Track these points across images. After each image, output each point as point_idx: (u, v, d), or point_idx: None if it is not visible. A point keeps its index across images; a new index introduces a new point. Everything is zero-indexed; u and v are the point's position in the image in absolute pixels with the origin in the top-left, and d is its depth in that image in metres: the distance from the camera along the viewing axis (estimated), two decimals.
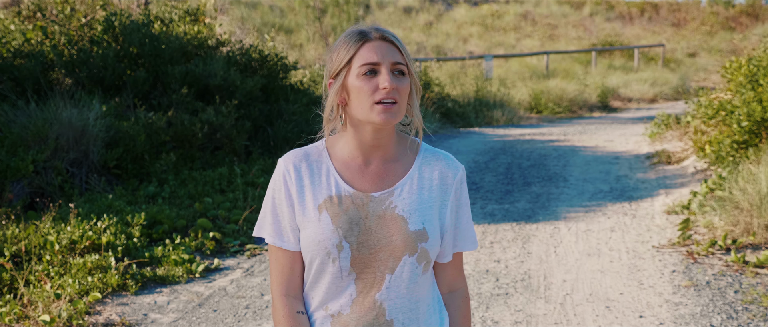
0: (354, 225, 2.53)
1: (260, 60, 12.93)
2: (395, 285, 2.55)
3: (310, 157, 2.61)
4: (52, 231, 7.36)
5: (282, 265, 2.64)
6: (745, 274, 7.06)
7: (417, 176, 2.62)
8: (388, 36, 2.54)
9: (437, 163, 2.65)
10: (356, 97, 2.50)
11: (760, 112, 9.77)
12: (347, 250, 2.52)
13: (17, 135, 9.09)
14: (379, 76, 2.48)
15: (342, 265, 2.53)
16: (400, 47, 2.54)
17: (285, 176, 2.59)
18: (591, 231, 8.63)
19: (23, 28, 11.63)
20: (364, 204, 2.56)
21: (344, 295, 2.56)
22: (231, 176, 10.16)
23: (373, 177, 2.60)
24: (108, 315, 6.31)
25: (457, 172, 2.65)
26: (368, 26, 2.56)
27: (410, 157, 2.65)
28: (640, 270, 7.28)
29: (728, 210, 8.16)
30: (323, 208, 2.55)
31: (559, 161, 12.81)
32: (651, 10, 44.22)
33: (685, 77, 26.78)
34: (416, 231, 2.54)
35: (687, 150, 12.32)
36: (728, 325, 5.94)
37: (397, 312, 2.58)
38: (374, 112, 2.47)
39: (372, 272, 2.54)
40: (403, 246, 2.52)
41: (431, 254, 2.58)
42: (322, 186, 2.57)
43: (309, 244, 2.55)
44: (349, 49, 2.51)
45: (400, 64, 2.51)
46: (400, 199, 2.57)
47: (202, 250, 7.96)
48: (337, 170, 2.59)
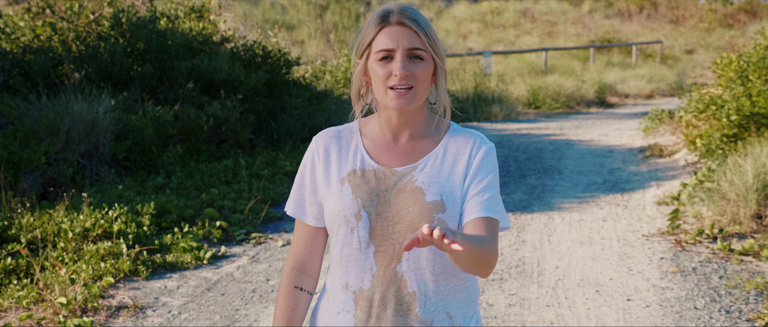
0: (374, 196, 2.57)
1: (264, 56, 13.25)
2: (414, 256, 2.57)
3: (342, 134, 2.70)
4: (65, 219, 7.68)
5: (299, 238, 2.74)
6: (730, 261, 7.37)
7: (442, 153, 2.64)
8: (406, 21, 2.54)
9: (464, 138, 2.67)
10: (374, 81, 2.56)
11: (749, 107, 10.06)
12: (366, 219, 2.57)
13: (29, 128, 9.40)
14: (393, 62, 2.51)
15: (360, 235, 2.58)
16: (420, 31, 2.54)
17: (314, 153, 2.69)
18: (584, 221, 8.95)
19: (32, 24, 11.95)
20: (387, 177, 2.60)
21: (364, 269, 2.60)
22: (236, 168, 10.49)
23: (400, 153, 2.64)
24: (121, 298, 6.63)
25: (482, 146, 2.65)
26: (395, 6, 2.59)
27: (439, 136, 2.68)
28: (630, 257, 7.59)
29: (716, 200, 8.47)
30: (346, 181, 2.61)
31: (555, 154, 13.14)
32: (650, 7, 44.34)
33: (682, 74, 27.04)
34: (433, 201, 2.56)
35: (678, 143, 12.64)
36: (711, 307, 6.24)
37: (418, 284, 2.59)
38: (388, 97, 2.53)
39: (391, 244, 2.57)
40: (419, 216, 2.54)
41: (451, 225, 2.58)
42: (348, 161, 2.64)
43: (331, 215, 2.61)
44: (370, 33, 2.56)
45: (417, 49, 2.52)
46: (422, 174, 2.60)
47: (209, 238, 8.27)
48: (365, 147, 2.66)
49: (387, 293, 2.58)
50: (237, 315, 6.27)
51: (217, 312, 6.34)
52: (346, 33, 24.39)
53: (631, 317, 6.08)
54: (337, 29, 24.57)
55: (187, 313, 6.33)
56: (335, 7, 24.31)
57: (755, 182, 8.22)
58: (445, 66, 2.61)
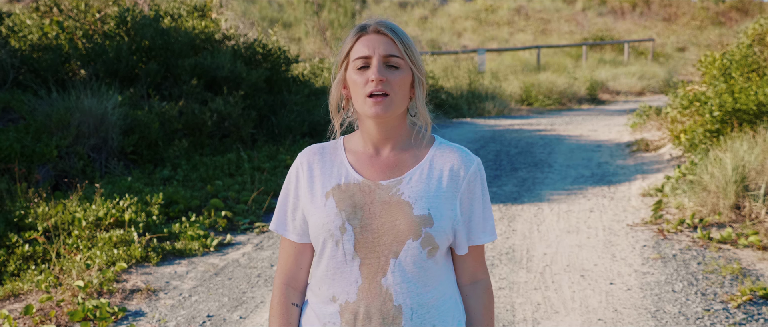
0: (358, 209, 2.56)
1: (264, 54, 13.67)
2: (400, 269, 2.56)
3: (325, 150, 2.70)
4: (79, 209, 8.09)
5: (287, 254, 2.74)
6: (709, 248, 7.79)
7: (427, 167, 2.63)
8: (382, 29, 2.56)
9: (450, 155, 2.67)
10: (353, 90, 2.55)
11: (731, 103, 10.47)
12: (350, 232, 2.55)
13: (41, 122, 9.81)
14: (369, 69, 2.52)
15: (345, 248, 2.56)
16: (397, 40, 2.56)
17: (298, 169, 2.69)
18: (571, 211, 9.37)
19: (40, 22, 12.35)
20: (371, 191, 2.59)
21: (350, 281, 2.58)
22: (239, 161, 10.92)
23: (384, 167, 2.63)
24: (134, 282, 7.04)
25: (470, 165, 2.66)
26: (372, 20, 2.60)
27: (424, 150, 2.68)
28: (614, 245, 8.01)
29: (697, 192, 8.90)
30: (330, 195, 2.59)
31: (545, 149, 13.58)
32: (642, 5, 44.62)
33: (673, 71, 27.44)
34: (421, 215, 2.54)
35: (664, 138, 13.09)
36: (688, 290, 6.66)
37: (404, 297, 2.58)
38: (366, 104, 2.51)
39: (376, 256, 2.56)
40: (406, 230, 2.54)
41: (437, 240, 2.58)
42: (332, 175, 2.63)
43: (315, 229, 2.59)
44: (348, 43, 2.58)
45: (393, 56, 2.53)
46: (408, 187, 2.59)
47: (215, 227, 8.70)
48: (349, 161, 2.65)
49: (371, 306, 2.58)
50: (244, 297, 6.68)
51: (225, 294, 6.75)
52: (341, 31, 24.75)
53: (612, 299, 6.50)
54: (333, 27, 24.93)
55: (197, 295, 6.74)
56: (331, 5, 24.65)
57: (734, 175, 8.64)
58: (423, 77, 2.64)
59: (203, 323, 6.11)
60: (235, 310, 6.40)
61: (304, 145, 12.20)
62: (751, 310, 6.18)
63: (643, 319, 6.03)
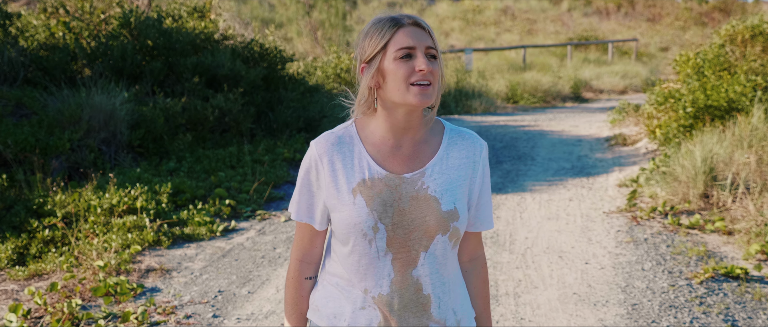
0: (388, 207, 2.59)
1: (261, 53, 14.31)
2: (429, 261, 2.63)
3: (342, 140, 2.67)
4: (93, 197, 8.69)
5: (304, 237, 2.79)
6: (678, 233, 8.43)
7: (446, 156, 2.68)
8: (420, 22, 2.59)
9: (463, 141, 2.72)
10: (393, 79, 2.54)
11: (704, 100, 11.09)
12: (383, 231, 2.59)
13: (53, 117, 10.41)
14: (414, 59, 2.53)
15: (378, 245, 2.60)
16: (431, 33, 2.60)
17: (316, 161, 2.66)
18: (552, 200, 10.02)
19: (46, 23, 12.96)
20: (397, 185, 2.61)
21: (382, 275, 2.64)
22: (240, 154, 11.55)
23: (405, 158, 2.65)
24: (148, 263, 7.64)
25: (482, 149, 2.74)
26: (398, 14, 2.62)
27: (437, 138, 2.72)
28: (591, 230, 8.66)
29: (669, 182, 9.54)
30: (357, 192, 2.60)
31: (528, 143, 14.26)
32: (627, 5, 45.16)
33: (656, 70, 28.01)
34: (449, 211, 2.61)
35: (641, 133, 13.77)
36: (656, 269, 7.30)
37: (433, 286, 2.66)
38: (411, 93, 2.52)
39: (407, 251, 2.61)
40: (436, 226, 2.60)
41: (461, 231, 2.67)
42: (355, 169, 2.63)
43: (344, 226, 2.62)
44: (383, 35, 2.56)
45: (432, 48, 2.56)
46: (432, 180, 2.63)
47: (220, 214, 9.31)
48: (368, 153, 2.65)
49: (405, 297, 2.65)
50: (250, 275, 7.30)
51: (233, 273, 7.37)
52: (333, 31, 25.25)
53: (587, 276, 7.13)
54: (324, 27, 25.41)
55: (207, 274, 7.36)
56: (323, 5, 25.17)
57: (703, 166, 9.28)
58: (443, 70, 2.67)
59: (215, 297, 6.73)
60: (244, 286, 7.01)
61: (300, 140, 12.84)
62: (712, 286, 6.81)
63: (613, 293, 6.67)
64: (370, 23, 2.66)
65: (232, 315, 6.33)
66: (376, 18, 2.65)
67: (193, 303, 6.60)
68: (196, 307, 6.50)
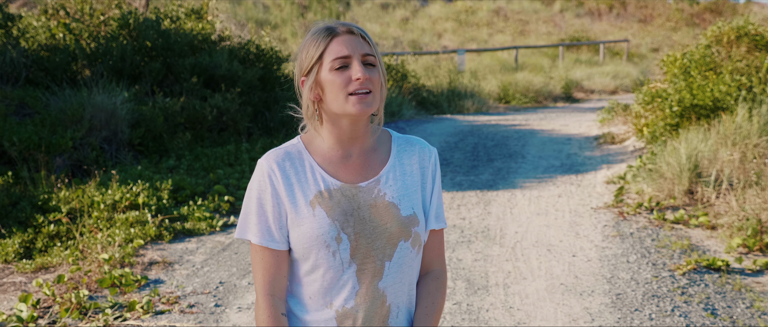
0: (349, 216, 2.54)
1: (257, 54, 14.61)
2: (393, 271, 2.58)
3: (291, 155, 2.61)
4: (97, 193, 8.97)
5: (268, 264, 2.61)
6: (663, 228, 8.73)
7: (398, 163, 2.65)
8: (354, 29, 2.54)
9: (413, 148, 2.70)
10: (331, 91, 2.50)
11: (690, 99, 11.37)
12: (346, 241, 2.53)
13: (55, 116, 10.68)
14: (350, 68, 2.49)
15: (342, 257, 2.54)
16: (368, 39, 2.56)
17: (270, 175, 2.58)
18: (542, 197, 10.31)
19: (47, 24, 13.24)
20: (354, 195, 2.57)
21: (346, 288, 2.57)
22: (237, 152, 11.85)
23: (356, 168, 2.61)
24: (151, 256, 7.92)
25: (432, 155, 2.70)
26: (333, 22, 2.58)
27: (386, 146, 2.68)
28: (579, 225, 8.95)
29: (655, 179, 9.84)
30: (316, 204, 2.54)
31: (519, 142, 14.57)
32: (619, 6, 45.37)
33: (646, 71, 28.27)
34: (408, 216, 2.58)
35: (629, 132, 14.08)
36: (641, 261, 7.59)
37: (394, 296, 2.62)
38: (349, 103, 2.47)
39: (371, 261, 2.56)
40: (398, 232, 2.56)
41: (422, 237, 2.64)
42: (309, 183, 2.57)
43: (306, 240, 2.54)
44: (318, 46, 2.52)
45: (369, 55, 2.52)
46: (388, 187, 2.59)
47: (219, 210, 9.59)
48: (319, 165, 2.59)
49: (370, 310, 2.59)
50: (250, 268, 7.58)
51: (233, 265, 7.65)
52: None
53: (574, 268, 7.43)
54: None
55: (208, 266, 7.64)
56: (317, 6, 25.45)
57: (688, 163, 9.57)
58: (384, 76, 2.62)
59: (216, 288, 7.01)
60: (244, 277, 7.29)
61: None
62: (694, 277, 7.10)
63: (599, 284, 6.96)
64: (308, 34, 2.62)
65: (233, 304, 6.61)
66: (313, 28, 2.60)
67: (196, 293, 6.88)
68: (198, 297, 6.78)
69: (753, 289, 6.78)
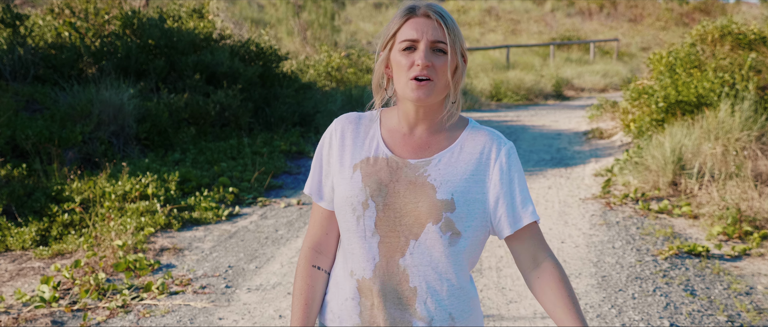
0: (383, 186, 2.51)
1: (257, 52, 15.08)
2: (419, 251, 2.49)
3: (362, 120, 2.66)
4: (107, 184, 9.39)
5: (315, 218, 2.72)
6: (647, 217, 9.18)
7: (458, 150, 2.57)
8: (432, 13, 2.49)
9: (482, 138, 2.60)
10: (396, 71, 2.50)
11: (675, 95, 11.80)
12: (373, 209, 2.50)
13: (65, 112, 11.09)
14: (415, 52, 2.46)
15: (366, 224, 2.52)
16: (445, 25, 2.48)
17: (331, 135, 2.64)
18: (532, 188, 10.76)
19: (53, 23, 13.67)
20: (399, 168, 2.53)
21: (367, 258, 2.53)
22: (239, 147, 12.31)
23: (415, 146, 2.57)
24: (162, 243, 8.35)
25: (501, 147, 2.57)
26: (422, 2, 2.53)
27: (457, 132, 2.61)
28: (567, 214, 9.40)
29: (641, 171, 10.29)
30: (358, 168, 2.55)
31: (510, 137, 15.02)
32: (609, 6, 45.76)
33: (635, 69, 28.65)
34: (443, 200, 2.48)
35: (616, 127, 14.56)
36: (626, 247, 8.03)
37: (420, 280, 2.51)
38: (408, 88, 2.46)
39: (396, 236, 2.50)
40: (427, 213, 2.47)
41: (458, 226, 2.49)
42: (363, 147, 2.59)
43: (340, 200, 2.57)
44: (396, 23, 2.52)
45: (440, 42, 2.46)
46: (436, 169, 2.52)
47: (224, 200, 10.03)
48: (382, 136, 2.60)
49: (386, 285, 2.53)
50: (256, 253, 8.01)
51: (240, 251, 8.08)
52: (321, 31, 25.89)
53: (563, 253, 7.87)
54: (313, 27, 26.02)
55: (217, 252, 8.07)
56: (312, 6, 25.83)
57: (672, 156, 10.02)
58: (466, 65, 2.57)
59: (226, 271, 7.44)
60: (251, 262, 7.73)
61: (296, 134, 13.63)
62: (675, 262, 7.54)
63: (586, 267, 7.41)
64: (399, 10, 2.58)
65: (242, 286, 7.04)
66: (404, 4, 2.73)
67: (207, 276, 7.31)
68: (209, 280, 7.21)
69: (731, 273, 7.22)
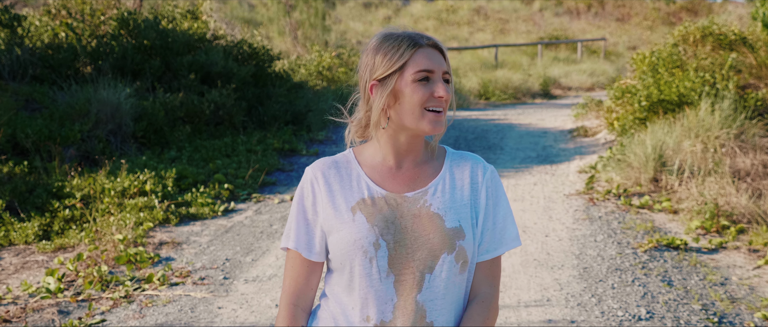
0: (390, 223, 2.46)
1: (250, 52, 15.40)
2: (434, 285, 2.47)
3: (339, 164, 2.59)
4: (107, 181, 9.69)
5: (298, 273, 2.60)
6: (629, 212, 9.50)
7: (448, 176, 2.57)
8: (439, 45, 2.50)
9: (466, 164, 2.60)
10: (408, 102, 2.43)
11: (657, 94, 12.11)
12: (384, 248, 2.44)
13: (63, 111, 11.39)
14: (433, 84, 2.44)
15: (380, 264, 2.45)
16: (446, 56, 2.50)
17: (313, 183, 2.56)
18: (518, 185, 11.09)
19: (49, 24, 13.96)
20: (398, 204, 2.49)
21: (385, 300, 2.47)
22: (234, 144, 12.63)
23: (405, 179, 2.54)
24: (160, 238, 8.65)
25: (486, 172, 2.59)
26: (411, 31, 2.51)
27: (439, 161, 2.61)
28: (552, 209, 9.73)
29: (623, 168, 10.62)
30: (357, 209, 2.49)
31: (498, 135, 15.37)
32: (597, 5, 45.98)
33: (622, 68, 28.88)
34: (453, 228, 2.47)
35: (601, 125, 14.90)
36: (607, 240, 8.36)
37: (437, 314, 2.49)
38: (425, 119, 2.43)
39: (411, 272, 2.46)
40: (441, 244, 2.45)
41: (468, 253, 2.50)
42: (353, 190, 2.53)
43: (344, 245, 2.47)
44: (402, 54, 2.44)
45: (447, 73, 2.48)
46: (435, 198, 2.51)
47: (220, 197, 10.33)
48: (367, 175, 2.55)
49: (407, 324, 2.48)
50: (252, 247, 8.32)
51: (237, 245, 8.39)
52: (312, 31, 26.17)
53: (546, 246, 8.20)
54: (304, 27, 26.30)
55: (214, 246, 8.38)
56: (303, 6, 26.11)
57: (653, 153, 10.35)
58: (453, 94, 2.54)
59: (223, 263, 7.75)
60: (247, 255, 8.04)
61: (288, 132, 13.96)
62: (654, 254, 7.87)
63: (568, 259, 7.73)
64: (382, 37, 2.52)
65: (240, 277, 7.35)
66: (388, 33, 2.53)
67: (205, 268, 7.62)
68: (207, 272, 7.52)
69: (707, 265, 7.55)
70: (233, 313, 6.44)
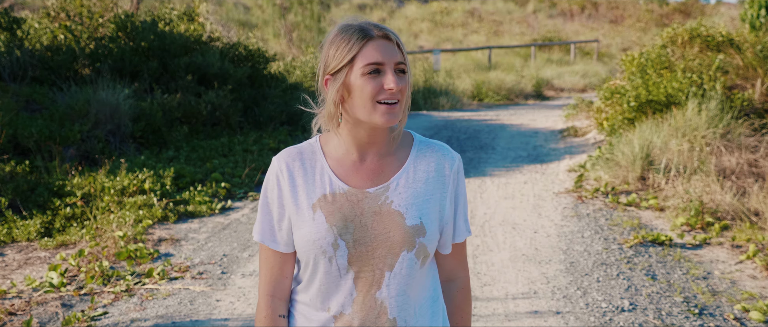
0: (349, 222, 2.44)
1: (246, 54, 15.64)
2: (394, 282, 2.47)
3: (304, 155, 2.54)
4: (106, 180, 9.91)
5: (271, 265, 2.59)
6: (616, 209, 9.73)
7: (412, 169, 2.52)
8: (391, 35, 2.41)
9: (433, 154, 2.56)
10: (359, 96, 2.37)
11: (645, 95, 12.33)
12: (344, 247, 2.43)
13: (63, 111, 11.61)
14: (383, 76, 2.37)
15: (339, 263, 2.45)
16: (401, 46, 2.42)
17: (278, 175, 2.52)
18: (509, 183, 11.32)
19: (48, 26, 14.19)
20: (359, 200, 2.47)
21: (344, 293, 2.48)
22: (230, 144, 12.87)
23: (369, 173, 2.50)
24: (159, 235, 8.87)
25: (454, 162, 2.56)
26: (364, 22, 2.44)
27: (405, 151, 2.56)
28: (541, 207, 9.96)
29: (612, 167, 10.85)
30: (317, 207, 2.46)
31: (490, 135, 15.61)
32: (591, 7, 46.25)
33: (614, 70, 29.07)
34: (414, 226, 2.45)
35: (590, 126, 15.15)
36: (594, 236, 8.58)
37: (398, 310, 2.50)
38: (377, 112, 2.37)
39: (371, 270, 2.46)
40: (401, 241, 2.44)
41: (429, 249, 2.49)
42: (316, 184, 2.49)
43: (304, 243, 2.47)
44: (351, 47, 2.37)
45: (402, 63, 2.40)
46: (396, 194, 2.48)
47: (217, 195, 10.56)
48: (331, 168, 2.51)
49: (366, 320, 2.49)
50: (249, 243, 8.54)
51: (234, 241, 8.62)
52: (307, 32, 26.37)
53: (535, 242, 8.43)
54: (299, 29, 26.48)
55: (212, 242, 8.60)
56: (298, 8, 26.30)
57: (641, 152, 10.58)
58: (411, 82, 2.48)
59: (221, 259, 7.97)
60: (244, 251, 8.26)
61: (284, 132, 14.21)
62: (640, 250, 8.09)
63: (556, 254, 7.96)
64: (336, 30, 2.47)
65: (237, 272, 7.57)
66: (343, 24, 2.47)
67: (203, 263, 7.84)
68: (206, 267, 7.74)
69: (691, 260, 7.76)
70: (231, 305, 6.67)
